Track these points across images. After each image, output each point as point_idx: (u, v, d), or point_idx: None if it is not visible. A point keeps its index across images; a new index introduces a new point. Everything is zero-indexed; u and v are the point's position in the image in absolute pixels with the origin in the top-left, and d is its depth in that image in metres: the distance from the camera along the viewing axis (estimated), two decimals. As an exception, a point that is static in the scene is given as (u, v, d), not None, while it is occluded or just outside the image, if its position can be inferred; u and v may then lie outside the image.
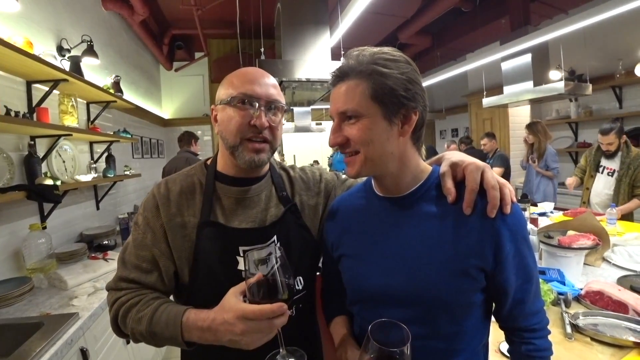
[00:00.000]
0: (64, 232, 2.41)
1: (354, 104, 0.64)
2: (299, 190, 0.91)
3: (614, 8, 2.45)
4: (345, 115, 0.66)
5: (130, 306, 0.73)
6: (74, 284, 1.75)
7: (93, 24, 3.12)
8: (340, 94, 0.66)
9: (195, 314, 0.67)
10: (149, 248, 0.77)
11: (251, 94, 0.75)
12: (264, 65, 2.18)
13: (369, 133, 0.64)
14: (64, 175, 2.30)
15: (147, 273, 0.77)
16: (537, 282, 0.69)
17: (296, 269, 0.83)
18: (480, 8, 4.40)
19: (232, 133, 0.75)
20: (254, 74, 0.78)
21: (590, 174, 2.91)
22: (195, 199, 0.81)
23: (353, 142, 0.66)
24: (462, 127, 7.08)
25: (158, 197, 0.80)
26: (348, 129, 0.66)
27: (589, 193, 2.93)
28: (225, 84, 0.79)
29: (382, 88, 0.62)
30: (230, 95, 0.76)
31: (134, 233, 0.80)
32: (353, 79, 0.64)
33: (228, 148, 0.78)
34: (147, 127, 4.44)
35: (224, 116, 0.77)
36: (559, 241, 1.51)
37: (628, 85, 4.11)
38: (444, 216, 0.67)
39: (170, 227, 0.77)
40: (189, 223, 0.78)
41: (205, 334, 0.65)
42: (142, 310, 0.71)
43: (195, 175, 0.85)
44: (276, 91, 0.79)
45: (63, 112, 2.20)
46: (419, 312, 0.66)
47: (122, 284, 0.77)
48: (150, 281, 0.77)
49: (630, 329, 1.08)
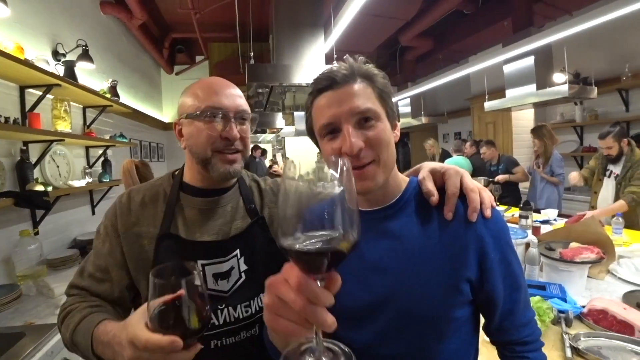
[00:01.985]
0: (57, 237, 2.39)
1: (371, 103, 0.61)
2: (269, 203, 0.89)
3: (620, 8, 2.38)
4: (363, 117, 0.60)
5: (67, 312, 0.71)
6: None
7: (91, 28, 3.11)
8: (352, 94, 0.60)
9: (105, 325, 0.63)
10: (104, 257, 0.76)
11: (219, 106, 0.73)
12: (256, 69, 2.14)
13: (386, 136, 0.62)
14: (57, 181, 2.27)
15: (99, 282, 0.76)
16: (526, 290, 0.67)
17: (261, 285, 0.79)
18: (482, 10, 4.34)
19: (203, 146, 0.74)
20: (219, 85, 0.76)
21: (598, 178, 2.84)
22: (157, 208, 0.79)
23: (371, 149, 0.60)
24: (465, 131, 7.00)
25: (119, 206, 0.79)
26: (367, 132, 0.60)
27: (596, 197, 2.86)
28: (189, 96, 0.76)
29: (384, 92, 0.63)
30: (197, 108, 0.73)
31: (95, 242, 0.80)
32: (358, 81, 0.62)
33: (199, 162, 0.75)
34: (146, 131, 4.44)
35: (193, 130, 0.75)
36: (560, 254, 1.44)
37: (635, 88, 4.00)
38: (426, 226, 0.65)
39: (126, 237, 0.76)
40: (147, 234, 0.77)
41: (105, 349, 0.61)
42: (73, 317, 0.69)
43: (161, 185, 0.83)
44: (243, 101, 0.78)
45: (56, 117, 2.18)
46: (403, 329, 0.62)
47: (73, 291, 0.77)
48: (100, 290, 0.76)
49: (636, 352, 1.01)
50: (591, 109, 4.50)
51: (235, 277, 0.78)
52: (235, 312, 0.76)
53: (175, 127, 0.81)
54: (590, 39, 3.82)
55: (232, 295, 0.77)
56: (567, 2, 3.82)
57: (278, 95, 2.76)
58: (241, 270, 0.78)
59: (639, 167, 2.50)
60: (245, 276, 0.79)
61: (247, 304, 0.78)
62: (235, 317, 0.76)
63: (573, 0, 3.71)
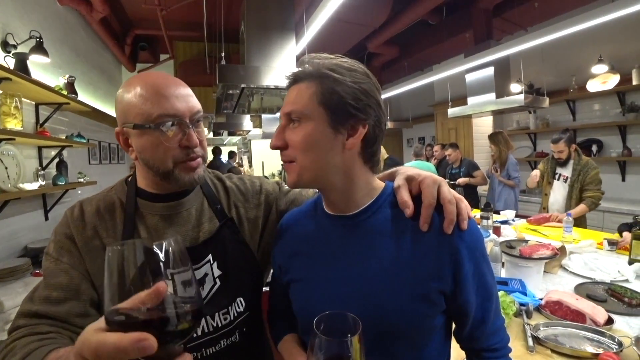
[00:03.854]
0: (5, 245, 2.19)
1: (300, 105, 0.61)
2: (236, 202, 0.84)
3: (568, 27, 2.61)
4: (289, 118, 0.63)
5: (8, 351, 0.58)
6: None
7: (45, 18, 2.90)
8: (291, 97, 0.63)
9: (55, 353, 0.53)
10: (63, 274, 0.65)
11: (174, 113, 0.64)
12: (226, 70, 2.09)
13: (309, 139, 0.61)
14: (5, 184, 2.08)
15: (58, 303, 0.63)
16: (497, 299, 0.67)
17: (236, 290, 0.77)
18: (446, 21, 4.56)
19: (162, 160, 0.66)
20: (167, 85, 0.66)
21: (548, 181, 3.07)
22: (115, 219, 0.72)
23: (291, 149, 0.62)
24: (429, 136, 7.28)
25: (71, 220, 0.70)
26: (290, 133, 0.63)
27: (547, 199, 3.09)
28: (134, 99, 0.64)
29: (331, 93, 0.59)
30: (147, 118, 0.63)
31: (44, 265, 0.68)
32: (305, 81, 0.62)
33: (159, 175, 0.68)
34: (106, 131, 4.19)
35: (145, 143, 0.66)
36: (520, 251, 1.54)
37: (581, 99, 4.39)
38: (399, 235, 0.63)
39: (87, 252, 0.68)
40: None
41: None
42: (14, 355, 0.56)
43: (115, 194, 0.75)
44: (195, 100, 0.70)
45: (5, 114, 2.00)
46: (376, 340, 0.60)
47: (20, 321, 0.62)
48: (60, 312, 0.63)
49: (588, 338, 1.10)
50: (543, 118, 4.87)
51: (210, 283, 0.73)
52: (213, 321, 0.72)
53: (118, 136, 0.69)
54: (543, 53, 4.15)
55: (208, 303, 0.73)
56: (522, 19, 4.11)
57: (245, 97, 2.72)
58: (215, 276, 0.74)
59: (588, 172, 2.75)
60: (220, 282, 0.74)
61: (225, 311, 0.74)
62: (214, 326, 0.72)
63: (528, 18, 4.00)
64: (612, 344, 1.05)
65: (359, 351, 0.44)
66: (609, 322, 1.17)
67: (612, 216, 3.63)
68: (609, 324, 1.16)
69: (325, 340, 0.44)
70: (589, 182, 2.74)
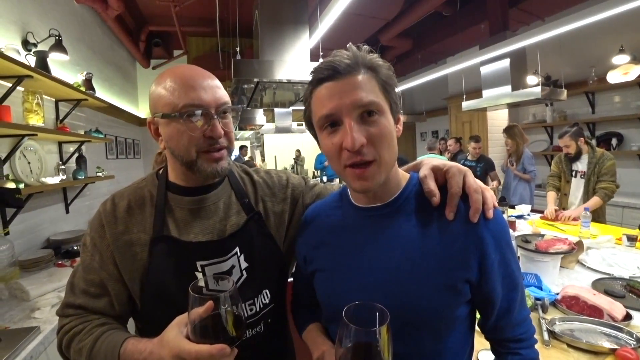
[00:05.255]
0: (28, 237, 2.27)
1: (374, 96, 0.57)
2: (263, 196, 0.84)
3: (587, 17, 2.52)
4: (366, 110, 0.57)
5: (72, 335, 0.67)
6: (37, 294, 1.64)
7: (63, 17, 2.97)
8: (356, 86, 0.57)
9: (134, 345, 0.62)
10: (96, 271, 0.71)
11: (199, 103, 0.66)
12: (241, 65, 2.11)
13: (389, 133, 0.59)
14: (28, 178, 2.16)
15: (96, 298, 0.71)
16: (523, 289, 0.66)
17: (262, 282, 0.79)
18: (460, 13, 4.47)
19: (186, 149, 0.68)
20: (195, 77, 0.68)
21: (566, 180, 2.98)
22: (145, 213, 0.74)
23: (371, 146, 0.57)
24: (443, 130, 7.20)
25: (104, 214, 0.74)
26: (369, 127, 0.57)
27: (567, 199, 2.98)
28: (163, 91, 0.67)
29: (388, 81, 0.60)
30: (173, 107, 0.66)
31: (82, 255, 0.74)
32: (364, 70, 0.58)
33: (184, 164, 0.70)
34: (122, 127, 4.28)
35: (172, 132, 0.68)
36: (536, 246, 1.52)
37: (600, 91, 4.26)
38: (425, 225, 0.63)
39: (117, 247, 0.71)
40: (138, 240, 0.72)
41: None
42: (83, 339, 0.66)
43: (145, 187, 0.78)
44: (223, 92, 0.71)
45: (27, 111, 2.07)
46: (400, 330, 0.59)
47: (69, 311, 0.71)
48: (98, 306, 0.71)
49: (605, 333, 1.09)
50: (560, 110, 4.75)
51: (237, 275, 0.75)
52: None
53: (149, 125, 0.73)
54: (561, 44, 4.03)
55: None
56: (539, 9, 4.00)
57: (258, 92, 2.74)
58: (242, 268, 0.76)
59: (604, 164, 2.67)
60: (246, 274, 0.76)
61: (251, 302, 0.76)
62: None
63: (545, 7, 3.89)
64: (630, 340, 1.04)
65: (386, 340, 0.46)
66: (627, 317, 1.15)
67: (631, 211, 3.54)
68: (627, 319, 1.14)
69: (354, 329, 0.46)
70: (604, 174, 2.65)
